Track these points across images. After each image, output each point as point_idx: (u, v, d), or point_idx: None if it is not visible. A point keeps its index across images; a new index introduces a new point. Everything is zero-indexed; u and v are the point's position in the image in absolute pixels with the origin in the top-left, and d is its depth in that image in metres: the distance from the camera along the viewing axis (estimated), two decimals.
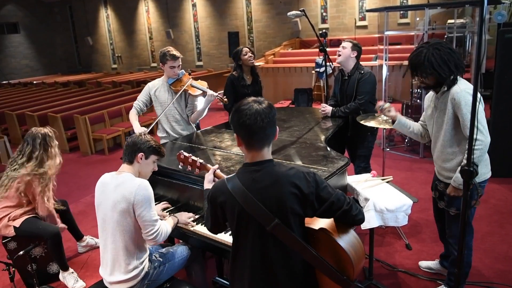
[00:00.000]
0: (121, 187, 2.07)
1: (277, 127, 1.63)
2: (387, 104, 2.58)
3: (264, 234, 1.57)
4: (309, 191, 1.56)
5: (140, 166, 2.18)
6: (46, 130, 3.03)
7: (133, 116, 3.47)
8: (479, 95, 1.73)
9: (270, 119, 1.56)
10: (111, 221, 2.09)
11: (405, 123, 2.59)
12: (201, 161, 2.12)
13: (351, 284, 1.60)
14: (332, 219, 1.68)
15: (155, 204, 2.29)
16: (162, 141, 3.49)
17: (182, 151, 2.18)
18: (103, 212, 2.13)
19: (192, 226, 2.32)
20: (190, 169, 2.15)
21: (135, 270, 2.12)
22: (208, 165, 2.10)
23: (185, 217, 2.35)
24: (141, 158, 2.15)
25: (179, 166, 2.19)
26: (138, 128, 3.30)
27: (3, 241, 2.97)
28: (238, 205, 1.58)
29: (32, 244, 2.90)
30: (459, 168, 2.21)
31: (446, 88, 2.28)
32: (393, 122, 2.61)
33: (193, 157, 2.13)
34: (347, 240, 1.63)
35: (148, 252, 2.23)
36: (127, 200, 2.04)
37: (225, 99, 3.43)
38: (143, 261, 2.16)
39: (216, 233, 1.96)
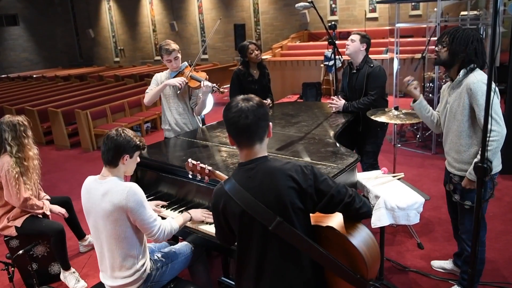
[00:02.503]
0: (109, 196, 1.97)
1: (270, 124, 1.62)
2: (416, 82, 2.54)
3: (268, 234, 1.54)
4: (307, 184, 1.53)
5: (125, 167, 2.08)
6: (20, 118, 2.84)
7: (153, 90, 3.33)
8: (494, 86, 1.68)
9: (256, 116, 1.54)
10: (104, 230, 2.02)
11: (425, 105, 2.56)
12: (210, 168, 2.10)
13: (366, 284, 1.54)
14: (340, 216, 1.64)
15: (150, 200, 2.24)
16: (166, 134, 3.50)
17: (189, 159, 2.12)
18: (94, 220, 2.06)
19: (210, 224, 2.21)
20: (200, 177, 2.12)
21: (137, 273, 2.07)
22: (217, 172, 2.09)
23: (200, 213, 2.26)
24: (126, 160, 2.05)
25: (189, 175, 2.15)
26: (174, 80, 3.26)
27: (5, 239, 2.91)
28: (238, 206, 1.55)
29: (33, 243, 2.82)
30: (475, 160, 2.20)
31: (461, 77, 2.24)
32: (414, 102, 2.57)
33: (201, 165, 2.10)
34: (359, 238, 1.58)
35: (148, 255, 2.17)
36: (118, 208, 1.95)
37: (222, 90, 3.34)
38: (144, 263, 2.11)
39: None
